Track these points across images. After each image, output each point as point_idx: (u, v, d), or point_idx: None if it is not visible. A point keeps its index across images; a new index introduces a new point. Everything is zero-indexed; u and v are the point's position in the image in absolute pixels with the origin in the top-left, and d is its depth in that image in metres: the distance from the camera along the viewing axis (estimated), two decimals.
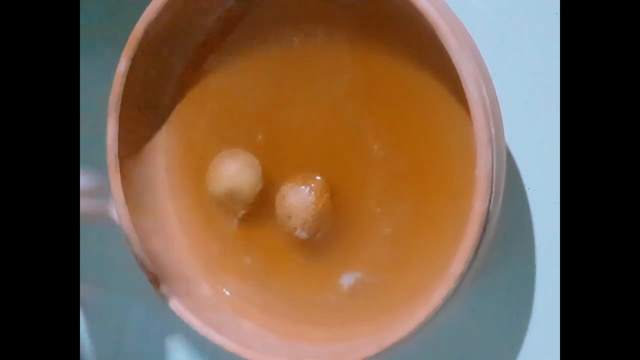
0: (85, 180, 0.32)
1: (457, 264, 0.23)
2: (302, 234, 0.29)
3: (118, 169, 0.31)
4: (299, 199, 0.29)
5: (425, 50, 0.27)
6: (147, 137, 0.32)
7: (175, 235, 0.33)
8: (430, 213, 0.28)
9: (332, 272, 0.30)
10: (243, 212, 0.31)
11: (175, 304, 0.30)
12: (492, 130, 0.23)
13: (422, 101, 0.28)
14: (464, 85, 0.24)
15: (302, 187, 0.29)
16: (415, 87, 0.28)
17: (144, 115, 0.32)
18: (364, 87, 0.29)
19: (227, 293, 0.32)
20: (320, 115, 0.30)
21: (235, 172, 0.30)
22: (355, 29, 0.28)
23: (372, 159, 0.29)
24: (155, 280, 0.30)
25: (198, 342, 0.28)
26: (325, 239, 0.30)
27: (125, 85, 0.30)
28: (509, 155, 0.30)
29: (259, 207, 0.31)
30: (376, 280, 0.29)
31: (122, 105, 0.30)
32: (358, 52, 0.29)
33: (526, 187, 0.30)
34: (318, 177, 0.30)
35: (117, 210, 0.31)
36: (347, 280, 0.30)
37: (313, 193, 0.29)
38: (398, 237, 0.29)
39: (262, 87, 0.31)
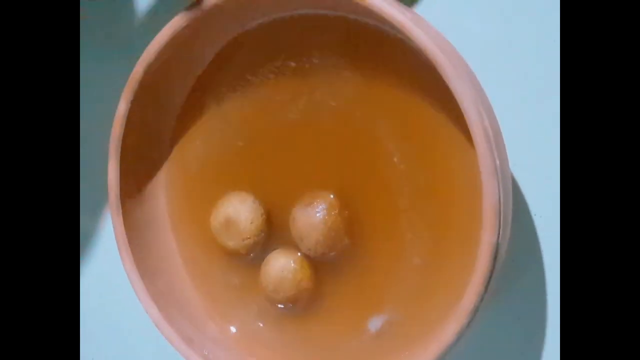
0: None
1: (469, 299, 0.23)
2: (317, 255, 0.29)
3: (120, 211, 0.30)
4: (307, 219, 0.28)
5: (424, 78, 0.26)
6: (148, 175, 0.32)
7: (179, 274, 0.33)
8: (452, 241, 0.27)
9: (360, 315, 0.29)
10: (243, 248, 0.30)
11: (180, 346, 0.30)
12: (497, 161, 0.23)
13: (425, 127, 0.27)
14: (465, 116, 0.23)
15: (309, 207, 0.29)
16: (418, 114, 0.27)
17: (144, 154, 0.32)
18: (369, 96, 0.28)
19: (234, 330, 0.32)
20: (327, 124, 0.29)
21: (231, 205, 0.30)
22: (350, 54, 0.28)
23: (393, 172, 0.28)
24: None
25: None
26: (350, 273, 0.29)
27: (125, 127, 0.29)
28: (514, 182, 0.30)
29: (268, 241, 0.31)
30: (402, 318, 0.28)
31: (122, 146, 0.30)
32: (356, 70, 0.28)
33: (532, 214, 0.30)
34: (329, 194, 0.29)
35: (120, 252, 0.31)
36: (375, 324, 0.29)
37: (321, 212, 0.28)
38: (426, 268, 0.27)
39: (262, 113, 0.30)
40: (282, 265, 0.29)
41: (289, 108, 0.30)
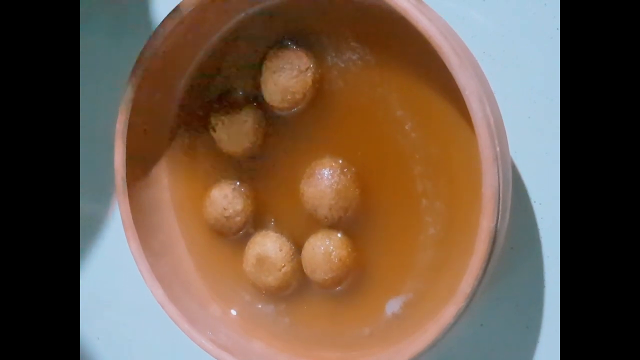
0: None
1: (467, 282, 0.23)
2: (334, 220, 0.29)
3: (126, 193, 0.31)
4: (314, 188, 0.28)
5: (428, 66, 0.26)
6: (153, 159, 0.33)
7: (183, 256, 0.33)
8: (461, 218, 0.27)
9: (377, 300, 0.29)
10: (283, 278, 0.30)
11: (184, 326, 0.30)
12: (497, 148, 0.23)
13: (433, 107, 0.27)
14: (467, 105, 0.24)
15: (312, 177, 0.29)
16: (427, 95, 0.27)
17: (149, 138, 0.32)
18: (379, 69, 0.28)
19: (234, 313, 0.32)
20: (335, 87, 0.28)
21: (256, 244, 0.31)
22: (360, 33, 0.28)
23: (405, 139, 0.28)
24: None
25: None
26: (370, 249, 0.29)
27: (131, 111, 0.30)
28: (515, 169, 0.30)
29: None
30: (415, 298, 0.28)
31: (129, 130, 0.30)
32: (366, 46, 0.28)
33: (532, 201, 0.30)
34: (330, 159, 0.29)
35: (126, 233, 0.31)
36: (393, 306, 0.28)
37: (325, 177, 0.28)
38: (441, 240, 0.27)
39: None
40: (320, 246, 0.29)
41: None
